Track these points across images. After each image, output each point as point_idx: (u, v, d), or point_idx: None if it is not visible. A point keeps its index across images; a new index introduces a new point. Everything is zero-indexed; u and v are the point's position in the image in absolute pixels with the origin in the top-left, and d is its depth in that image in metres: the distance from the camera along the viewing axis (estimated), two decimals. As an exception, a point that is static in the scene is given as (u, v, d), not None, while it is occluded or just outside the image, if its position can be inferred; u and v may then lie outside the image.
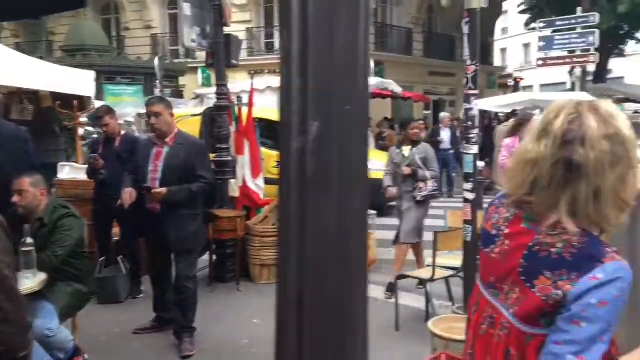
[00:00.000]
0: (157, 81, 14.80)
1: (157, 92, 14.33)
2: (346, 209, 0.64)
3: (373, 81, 13.73)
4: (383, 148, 13.76)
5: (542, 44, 17.16)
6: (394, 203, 6.17)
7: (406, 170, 5.72)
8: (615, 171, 1.30)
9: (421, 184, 5.67)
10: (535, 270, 1.35)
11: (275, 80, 14.37)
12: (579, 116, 1.34)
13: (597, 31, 15.87)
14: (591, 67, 19.96)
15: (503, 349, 1.41)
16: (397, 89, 14.84)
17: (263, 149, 10.22)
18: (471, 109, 4.27)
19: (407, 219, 5.70)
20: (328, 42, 0.62)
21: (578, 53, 16.50)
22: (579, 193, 1.31)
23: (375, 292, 5.83)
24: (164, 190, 4.27)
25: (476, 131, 4.41)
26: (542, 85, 33.81)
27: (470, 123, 4.39)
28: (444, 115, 14.47)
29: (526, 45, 38.68)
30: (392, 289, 5.48)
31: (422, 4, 22.82)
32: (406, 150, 5.88)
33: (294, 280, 0.68)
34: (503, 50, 42.59)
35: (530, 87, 34.05)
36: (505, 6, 29.79)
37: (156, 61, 14.77)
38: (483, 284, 1.54)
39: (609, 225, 1.33)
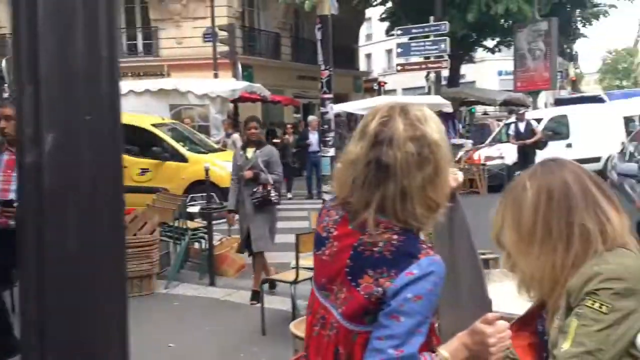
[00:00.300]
0: (6, 85, 13.59)
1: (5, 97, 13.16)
2: (93, 227, 0.59)
3: (240, 85, 13.70)
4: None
5: (399, 50, 18.17)
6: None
7: (247, 174, 5.54)
8: (422, 172, 1.37)
9: (261, 188, 5.55)
10: (360, 269, 1.39)
11: (138, 84, 13.77)
12: (390, 119, 1.40)
13: (447, 39, 17.08)
14: (445, 72, 21.47)
15: (333, 348, 1.44)
16: (266, 93, 14.91)
17: (125, 156, 9.86)
18: (326, 112, 4.38)
19: (254, 227, 5.58)
20: (61, 47, 0.57)
21: (432, 59, 17.65)
22: (387, 192, 1.36)
23: (244, 297, 5.78)
24: None
25: (332, 134, 4.53)
26: (404, 89, 35.76)
27: (326, 126, 4.50)
28: (312, 118, 14.75)
29: (389, 51, 40.65)
30: (256, 297, 5.45)
31: (288, 9, 23.10)
32: (250, 152, 5.70)
33: (34, 309, 0.60)
34: (368, 56, 44.43)
35: (394, 90, 35.88)
36: (368, 13, 31.10)
37: (3, 63, 13.57)
38: (316, 286, 1.56)
39: (418, 223, 1.39)
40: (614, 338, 1.37)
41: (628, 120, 14.23)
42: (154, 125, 10.60)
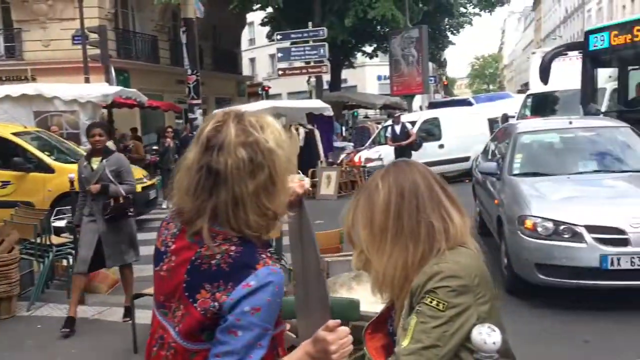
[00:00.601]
0: None
1: None
2: None
3: (113, 90, 13.01)
4: (130, 161, 13.12)
5: (280, 55, 18.30)
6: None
7: (94, 188, 5.03)
8: (255, 179, 1.33)
9: (113, 201, 5.10)
10: (197, 284, 1.33)
11: (17, 89, 12.47)
12: (223, 124, 1.36)
13: (326, 44, 17.47)
14: (327, 77, 21.94)
15: (170, 369, 1.36)
16: (142, 98, 14.28)
17: (-17, 168, 8.98)
18: (195, 118, 4.23)
19: (107, 243, 5.14)
20: None
21: (312, 64, 17.95)
22: (219, 199, 1.32)
23: (116, 314, 5.48)
24: None
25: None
26: (289, 93, 36.07)
27: (195, 133, 4.35)
28: (192, 124, 14.40)
29: (272, 56, 40.82)
30: (128, 314, 5.16)
31: (165, 11, 22.36)
32: (95, 162, 5.18)
33: None
34: (252, 60, 44.35)
35: (279, 95, 36.08)
36: (250, 17, 31.03)
37: None
38: (155, 304, 1.47)
39: (252, 231, 1.35)
40: (450, 333, 1.42)
41: (492, 122, 15.34)
42: (14, 134, 9.76)
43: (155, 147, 14.55)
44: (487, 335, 1.37)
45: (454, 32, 29.85)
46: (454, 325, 1.43)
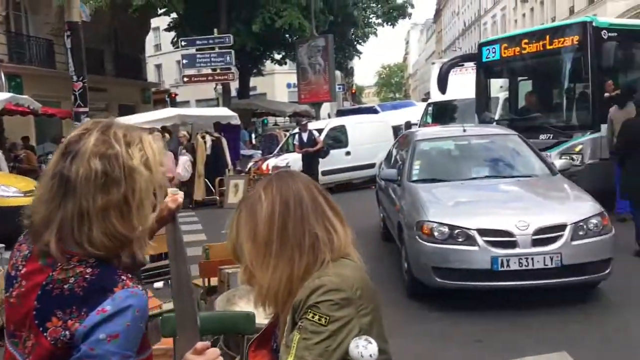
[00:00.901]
0: None
1: None
2: None
3: (3, 96, 12.17)
4: (21, 172, 12.31)
5: (185, 61, 17.90)
6: None
7: None
8: (107, 194, 1.24)
9: None
10: (49, 311, 1.22)
11: None
12: (87, 133, 1.28)
13: (232, 51, 17.30)
14: (236, 84, 21.71)
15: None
16: (36, 105, 13.44)
17: None
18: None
19: None
20: None
21: (219, 71, 17.71)
22: (66, 209, 1.24)
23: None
24: None
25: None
26: (197, 101, 35.37)
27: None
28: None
29: (179, 62, 39.81)
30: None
31: (62, 14, 21.16)
32: None
33: None
34: (158, 67, 43.11)
35: (187, 102, 35.26)
36: (155, 23, 30.14)
37: None
38: (6, 333, 1.34)
39: (97, 250, 1.25)
40: (333, 348, 1.40)
41: (397, 129, 15.83)
42: None
43: (50, 157, 13.71)
44: (363, 348, 1.37)
45: (360, 42, 30.58)
46: (336, 339, 1.41)
